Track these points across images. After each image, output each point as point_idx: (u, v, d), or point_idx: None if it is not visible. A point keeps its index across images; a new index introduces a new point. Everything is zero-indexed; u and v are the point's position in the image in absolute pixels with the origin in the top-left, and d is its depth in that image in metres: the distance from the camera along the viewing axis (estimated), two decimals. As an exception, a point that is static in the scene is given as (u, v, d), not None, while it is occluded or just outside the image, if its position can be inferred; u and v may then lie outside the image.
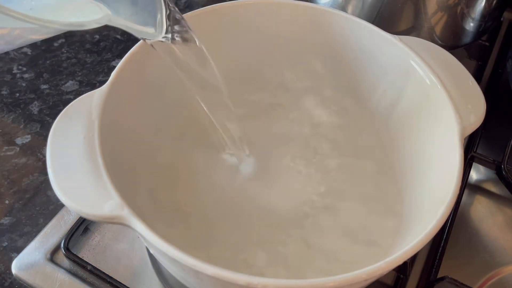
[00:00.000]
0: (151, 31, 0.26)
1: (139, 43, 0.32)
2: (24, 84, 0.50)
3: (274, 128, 0.40)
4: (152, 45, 0.27)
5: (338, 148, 0.38)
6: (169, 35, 0.27)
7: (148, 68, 0.33)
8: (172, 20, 0.27)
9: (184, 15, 0.34)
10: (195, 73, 0.30)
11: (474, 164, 0.41)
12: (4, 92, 0.49)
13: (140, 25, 0.26)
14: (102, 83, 0.29)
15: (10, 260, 0.35)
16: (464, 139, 0.30)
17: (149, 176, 0.34)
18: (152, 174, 0.35)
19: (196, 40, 0.28)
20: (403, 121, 0.35)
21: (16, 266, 0.35)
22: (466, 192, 0.41)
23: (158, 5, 0.27)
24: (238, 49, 0.38)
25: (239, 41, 0.37)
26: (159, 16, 0.27)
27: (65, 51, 0.53)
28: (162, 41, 0.27)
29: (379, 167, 0.37)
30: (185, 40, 0.28)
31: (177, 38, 0.28)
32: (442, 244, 0.36)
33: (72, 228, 0.36)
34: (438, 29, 0.44)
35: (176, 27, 0.27)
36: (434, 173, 0.30)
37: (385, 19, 0.44)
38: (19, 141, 0.45)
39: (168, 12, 0.27)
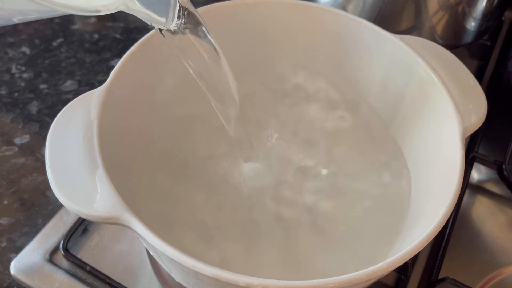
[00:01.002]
0: (163, 20, 0.26)
1: (138, 42, 0.32)
2: (23, 84, 0.49)
3: (273, 129, 0.39)
4: (163, 35, 0.27)
5: (339, 149, 0.38)
6: (180, 26, 0.27)
7: (147, 67, 0.32)
8: (184, 10, 0.27)
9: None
10: (203, 67, 0.29)
11: (475, 164, 0.41)
12: (2, 92, 0.49)
13: (152, 12, 0.26)
14: (101, 82, 0.29)
15: (9, 261, 0.35)
16: (466, 139, 0.29)
17: (148, 175, 0.34)
18: (152, 174, 0.34)
19: (208, 33, 0.28)
20: (405, 121, 0.35)
21: (15, 267, 0.34)
22: (467, 192, 0.41)
23: None
24: (238, 48, 0.38)
25: (238, 40, 0.37)
26: (171, 3, 0.26)
27: (64, 51, 0.52)
28: (172, 31, 0.27)
29: (380, 167, 0.37)
30: (195, 32, 0.28)
31: (187, 30, 0.27)
32: (443, 245, 0.35)
33: (71, 228, 0.36)
34: (439, 29, 0.44)
35: (188, 19, 0.27)
36: (435, 173, 0.30)
37: (386, 18, 0.44)
38: (18, 141, 0.45)
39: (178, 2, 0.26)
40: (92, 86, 0.49)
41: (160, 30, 0.27)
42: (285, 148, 0.38)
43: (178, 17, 0.27)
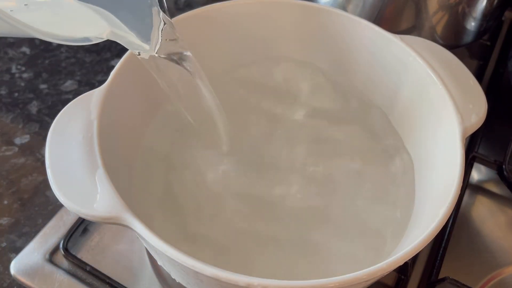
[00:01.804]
0: (146, 47, 0.26)
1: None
2: (23, 84, 0.49)
3: (273, 131, 0.39)
4: (142, 60, 0.27)
5: (340, 150, 0.38)
6: (162, 52, 0.27)
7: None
8: (167, 36, 0.27)
9: (185, 14, 0.34)
10: (181, 90, 0.30)
11: (475, 164, 0.41)
12: (2, 92, 0.49)
13: (139, 39, 0.26)
14: (101, 82, 0.29)
15: (9, 261, 0.35)
16: (466, 139, 0.29)
17: (148, 175, 0.34)
18: (151, 173, 0.34)
19: (192, 60, 0.28)
20: (405, 121, 0.35)
21: (15, 267, 0.34)
22: (467, 192, 0.41)
23: (156, 19, 0.26)
24: (238, 48, 0.38)
25: (238, 40, 0.37)
26: (154, 30, 0.26)
27: (64, 51, 0.52)
28: (155, 57, 0.27)
29: (381, 168, 0.37)
30: (180, 59, 0.28)
31: (171, 56, 0.28)
32: (443, 245, 0.35)
33: (71, 228, 0.36)
34: (439, 29, 0.44)
35: (172, 44, 0.27)
36: (435, 173, 0.30)
37: (386, 18, 0.44)
38: (18, 141, 0.45)
39: (163, 27, 0.27)
40: (92, 86, 0.49)
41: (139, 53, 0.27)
42: (284, 148, 0.38)
43: (161, 42, 0.27)
